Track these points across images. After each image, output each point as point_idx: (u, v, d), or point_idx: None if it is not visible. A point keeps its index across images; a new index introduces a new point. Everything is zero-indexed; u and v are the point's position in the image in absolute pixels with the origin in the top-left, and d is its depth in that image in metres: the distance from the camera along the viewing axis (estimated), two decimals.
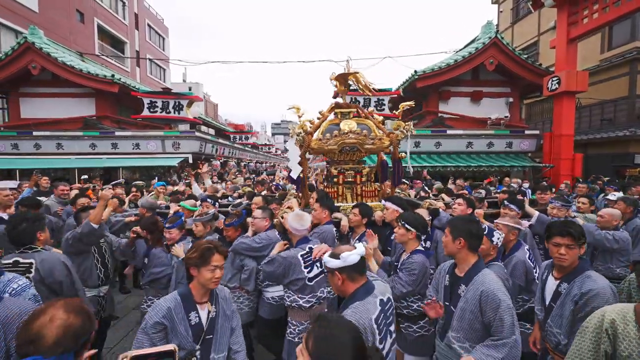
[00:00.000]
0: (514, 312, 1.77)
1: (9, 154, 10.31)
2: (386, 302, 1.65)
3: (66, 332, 1.05)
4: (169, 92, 11.02)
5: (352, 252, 1.60)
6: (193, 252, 1.79)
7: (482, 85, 11.36)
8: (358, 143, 3.73)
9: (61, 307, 1.10)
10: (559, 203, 3.66)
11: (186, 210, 3.72)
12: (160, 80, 26.91)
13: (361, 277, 1.64)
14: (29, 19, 14.96)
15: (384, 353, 1.58)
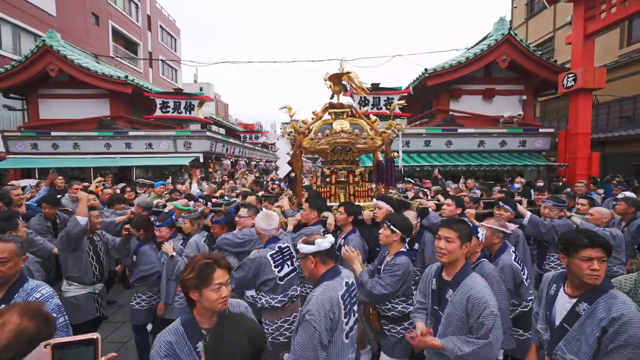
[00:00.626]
0: (498, 320, 1.73)
1: (29, 153, 10.66)
2: (350, 284, 1.88)
3: (17, 337, 1.00)
4: (180, 93, 11.18)
5: (324, 240, 1.85)
6: (189, 272, 1.45)
7: (494, 82, 11.15)
8: (350, 142, 3.74)
9: (16, 311, 1.07)
10: (551, 203, 3.54)
11: (178, 210, 3.78)
12: (172, 80, 27.36)
13: (330, 261, 1.89)
14: (47, 23, 15.43)
15: (348, 329, 1.80)
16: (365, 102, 10.20)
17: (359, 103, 10.19)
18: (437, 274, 2.01)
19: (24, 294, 1.74)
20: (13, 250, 1.77)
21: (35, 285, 1.80)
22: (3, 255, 1.73)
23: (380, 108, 10.29)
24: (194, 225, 3.33)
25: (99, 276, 3.20)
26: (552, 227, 3.32)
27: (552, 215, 3.46)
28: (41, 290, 1.77)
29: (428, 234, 3.25)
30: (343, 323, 1.73)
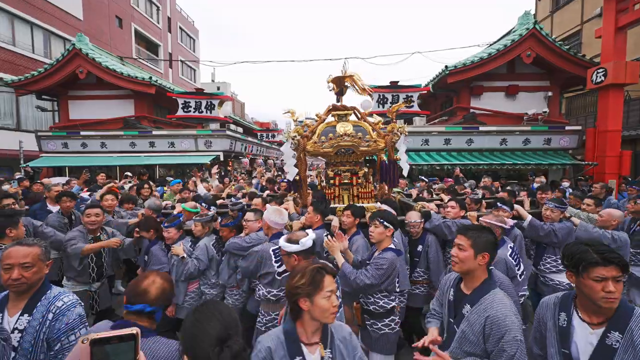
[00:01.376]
0: (522, 347, 1.50)
1: (60, 152, 11.18)
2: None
3: (163, 292, 1.47)
4: (201, 93, 11.44)
5: (307, 238, 1.98)
6: (299, 278, 1.41)
7: (518, 79, 10.83)
8: (353, 145, 3.77)
9: (158, 275, 1.53)
10: (552, 204, 3.48)
11: (186, 212, 3.79)
12: (190, 80, 27.97)
13: (312, 256, 2.00)
14: (75, 27, 16.09)
15: None
16: (384, 100, 10.14)
17: (378, 101, 10.14)
18: (455, 285, 1.83)
19: (47, 302, 1.64)
20: (38, 255, 1.67)
21: (58, 293, 1.69)
22: (27, 261, 1.62)
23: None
24: (205, 228, 3.37)
25: (96, 277, 3.28)
26: (552, 230, 3.29)
27: (553, 217, 3.42)
28: (63, 298, 1.67)
29: (431, 236, 3.33)
30: None
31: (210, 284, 3.28)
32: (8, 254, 1.62)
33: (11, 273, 1.58)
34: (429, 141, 10.24)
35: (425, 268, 3.33)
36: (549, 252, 3.38)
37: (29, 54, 14.21)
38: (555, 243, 3.27)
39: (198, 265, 3.11)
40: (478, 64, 9.98)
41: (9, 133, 13.15)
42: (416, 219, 3.31)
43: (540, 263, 3.43)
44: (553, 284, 3.31)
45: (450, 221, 3.40)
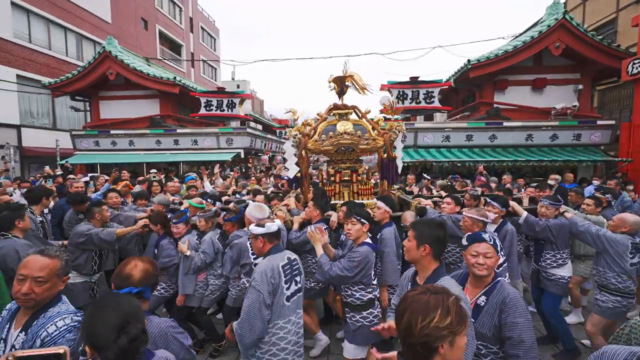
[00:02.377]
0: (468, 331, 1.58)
1: (92, 150, 11.82)
2: (292, 259, 2.18)
3: (146, 274, 1.56)
4: (223, 92, 11.73)
5: (273, 224, 2.15)
6: (443, 316, 1.04)
7: (545, 71, 10.39)
8: (353, 143, 3.85)
9: (139, 259, 1.62)
10: (547, 202, 3.47)
11: (192, 207, 3.94)
12: (211, 79, 28.62)
13: (276, 240, 2.18)
14: (104, 30, 16.85)
15: (289, 294, 2.06)
16: (404, 96, 10.02)
17: (397, 97, 10.03)
18: (412, 278, 1.94)
19: (43, 321, 1.46)
20: (55, 270, 1.52)
21: (57, 313, 1.49)
22: (41, 275, 1.46)
23: (420, 102, 10.05)
24: (209, 223, 3.57)
25: (97, 269, 3.45)
26: (547, 226, 3.35)
27: (549, 215, 3.44)
28: (57, 322, 1.45)
29: None
30: (284, 288, 2.02)
31: (216, 275, 3.47)
32: (26, 263, 1.49)
33: (22, 285, 1.43)
34: (450, 137, 10.05)
35: None
36: (547, 248, 3.42)
37: (63, 57, 15.05)
38: (552, 239, 3.34)
39: (204, 259, 3.31)
40: (503, 57, 9.66)
41: (46, 132, 14.03)
42: (411, 219, 3.38)
43: (540, 259, 3.48)
44: (555, 278, 3.37)
45: (445, 216, 3.50)
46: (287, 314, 2.03)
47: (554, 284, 3.37)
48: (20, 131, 13.18)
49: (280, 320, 2.00)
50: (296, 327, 2.11)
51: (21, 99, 13.27)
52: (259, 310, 1.91)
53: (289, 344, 2.03)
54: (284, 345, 2.01)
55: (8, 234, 2.80)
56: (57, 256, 1.56)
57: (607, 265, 3.01)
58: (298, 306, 2.15)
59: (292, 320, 2.06)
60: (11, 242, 2.73)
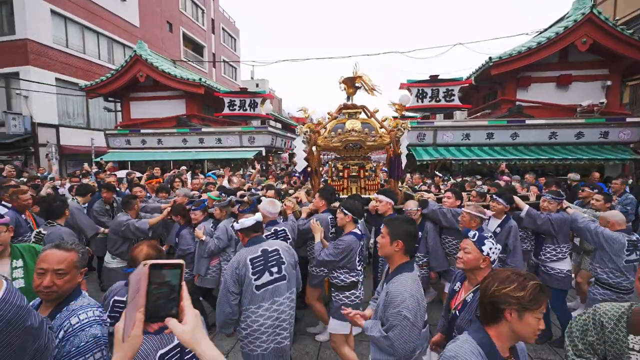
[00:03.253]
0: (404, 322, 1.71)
1: (124, 148, 12.54)
2: (270, 252, 2.34)
3: (147, 256, 1.81)
4: (245, 92, 12.13)
5: (249, 219, 2.37)
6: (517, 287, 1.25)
7: (571, 68, 10.13)
8: (360, 140, 4.07)
9: (144, 244, 1.94)
10: (549, 196, 3.55)
11: (210, 199, 4.29)
12: (232, 78, 29.31)
13: (254, 234, 2.39)
14: (132, 34, 17.68)
15: (259, 284, 2.25)
16: (423, 95, 10.06)
17: (417, 96, 10.08)
18: (386, 272, 2.06)
19: (66, 314, 1.46)
20: (73, 262, 1.55)
21: (80, 307, 1.50)
22: (61, 267, 1.49)
23: (439, 100, 10.05)
24: (223, 212, 3.96)
25: None
26: (548, 220, 3.42)
27: (551, 209, 3.51)
28: (80, 315, 1.46)
29: (429, 223, 3.68)
30: (251, 279, 2.23)
31: (229, 260, 3.77)
32: (44, 257, 1.51)
33: (43, 279, 1.46)
34: (470, 135, 10.01)
35: (425, 252, 3.72)
36: (548, 242, 3.51)
37: (96, 60, 15.95)
38: (553, 233, 3.41)
39: (218, 244, 3.67)
40: (526, 54, 9.51)
41: (82, 131, 14.96)
42: (413, 207, 3.61)
43: (540, 253, 3.57)
44: (554, 272, 3.46)
45: (445, 209, 3.68)
46: (257, 301, 2.22)
47: (553, 279, 3.45)
48: (58, 130, 14.13)
49: (251, 306, 2.22)
50: (273, 313, 2.25)
51: (59, 101, 14.21)
52: (225, 295, 2.22)
53: (262, 326, 2.22)
54: (258, 328, 2.22)
55: (53, 222, 3.23)
56: (74, 249, 1.58)
57: (602, 261, 3.09)
58: (275, 294, 2.27)
59: (263, 306, 2.22)
60: (56, 230, 3.15)
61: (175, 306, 0.77)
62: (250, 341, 2.24)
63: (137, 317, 0.74)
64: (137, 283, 0.76)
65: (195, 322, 0.79)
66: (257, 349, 2.24)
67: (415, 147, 10.18)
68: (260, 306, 2.23)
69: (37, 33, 13.21)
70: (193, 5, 24.15)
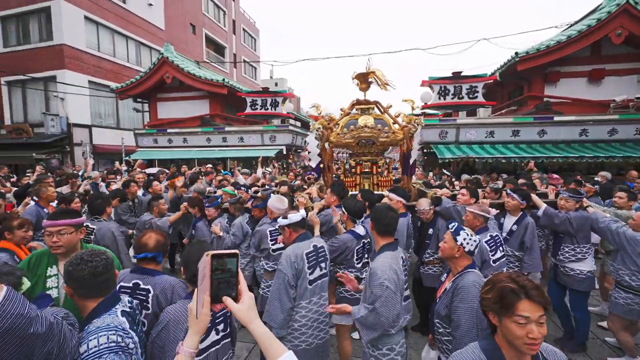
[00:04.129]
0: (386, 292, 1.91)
1: (152, 147, 13.08)
2: (319, 247, 2.41)
3: (157, 242, 1.99)
4: (267, 91, 12.36)
5: (296, 214, 2.40)
6: (488, 290, 1.29)
7: (604, 61, 9.68)
8: (373, 136, 4.01)
9: (153, 232, 2.06)
10: (567, 194, 3.39)
11: (226, 194, 4.40)
12: (252, 78, 29.78)
13: (302, 229, 2.43)
14: (158, 36, 18.33)
15: (312, 278, 2.28)
16: (446, 92, 9.91)
17: (439, 93, 9.95)
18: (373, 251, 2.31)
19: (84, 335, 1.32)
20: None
21: (96, 329, 1.31)
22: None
23: (462, 97, 9.87)
24: (231, 208, 4.07)
25: None
26: (567, 219, 3.29)
27: (568, 207, 3.36)
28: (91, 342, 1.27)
29: (441, 220, 3.59)
30: (307, 273, 2.24)
31: (242, 254, 3.86)
32: None
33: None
34: (495, 133, 9.77)
35: (436, 249, 3.63)
36: (566, 241, 3.38)
37: (125, 63, 16.69)
38: (572, 232, 3.29)
39: (234, 240, 3.76)
40: (555, 48, 9.17)
41: (112, 131, 15.72)
42: (425, 206, 3.56)
43: (559, 253, 3.42)
44: (574, 273, 3.31)
45: (460, 206, 3.60)
46: (309, 296, 2.26)
47: (572, 280, 3.31)
48: (91, 130, 14.93)
49: (302, 301, 2.25)
50: (319, 308, 2.32)
51: (92, 102, 15.00)
52: (285, 290, 2.20)
53: (309, 320, 2.26)
54: (306, 323, 2.24)
55: (99, 217, 3.44)
56: None
57: (623, 262, 2.98)
58: (322, 289, 2.37)
59: (313, 301, 2.29)
60: (105, 225, 3.33)
61: (234, 289, 0.90)
62: (296, 336, 2.25)
63: (205, 299, 0.88)
64: (202, 271, 0.88)
65: (250, 302, 0.92)
66: (302, 344, 2.26)
67: (437, 145, 10.06)
68: (310, 301, 2.27)
69: (72, 38, 13.99)
70: (215, 7, 24.72)
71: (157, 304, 1.86)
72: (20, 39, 14.65)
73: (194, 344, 0.93)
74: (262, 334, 0.90)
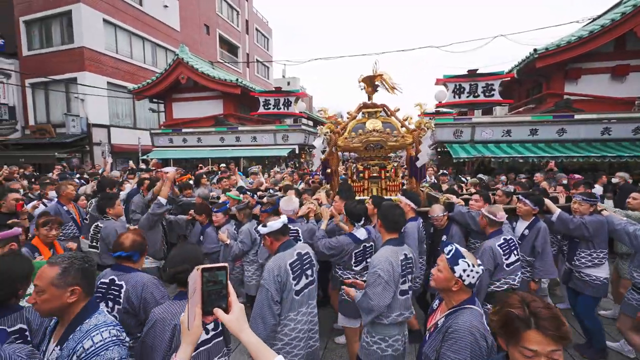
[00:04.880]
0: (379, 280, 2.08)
1: (166, 146, 13.37)
2: (303, 255, 2.29)
3: (133, 242, 2.11)
4: (280, 91, 12.43)
5: (276, 221, 2.22)
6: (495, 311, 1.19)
7: (629, 57, 9.31)
8: (381, 140, 3.94)
9: (130, 231, 2.20)
10: (580, 197, 3.31)
11: (231, 199, 4.20)
12: (264, 77, 29.98)
13: (284, 237, 2.28)
14: (173, 37, 18.66)
15: (298, 288, 2.19)
16: (461, 90, 9.74)
17: (454, 91, 9.78)
18: None
19: (79, 335, 1.33)
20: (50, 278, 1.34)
21: (95, 326, 1.36)
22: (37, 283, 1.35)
23: (478, 96, 9.67)
24: (241, 214, 3.90)
25: (166, 254, 3.87)
26: (582, 223, 3.20)
27: (582, 211, 3.28)
28: (95, 337, 1.32)
29: (455, 227, 3.55)
30: (292, 284, 2.15)
31: (249, 261, 3.82)
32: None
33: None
34: (511, 132, 9.54)
35: None
36: (582, 246, 3.29)
37: (141, 64, 17.08)
38: (587, 236, 3.21)
39: (242, 247, 3.61)
40: (576, 44, 8.87)
41: (129, 131, 16.13)
42: (439, 213, 3.50)
43: (575, 258, 3.34)
44: (590, 279, 3.23)
45: (474, 212, 3.52)
46: (296, 307, 2.16)
47: (587, 286, 3.24)
48: (109, 130, 15.36)
49: (291, 313, 2.14)
50: (308, 317, 2.23)
51: (110, 103, 15.43)
52: (269, 307, 2.06)
53: (300, 332, 2.17)
54: (297, 335, 2.16)
55: (107, 216, 3.50)
56: (57, 263, 1.39)
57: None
58: (310, 297, 2.27)
59: (302, 312, 2.19)
60: (110, 224, 3.41)
61: (224, 300, 0.94)
62: (288, 351, 2.13)
63: (197, 311, 0.92)
64: (193, 284, 0.92)
65: (239, 313, 0.96)
66: (295, 358, 2.18)
67: (451, 144, 9.90)
68: (299, 312, 2.18)
69: (92, 41, 14.41)
70: (228, 8, 24.98)
71: (126, 299, 1.98)
72: (43, 42, 15.20)
73: (186, 355, 0.97)
74: (253, 342, 0.95)
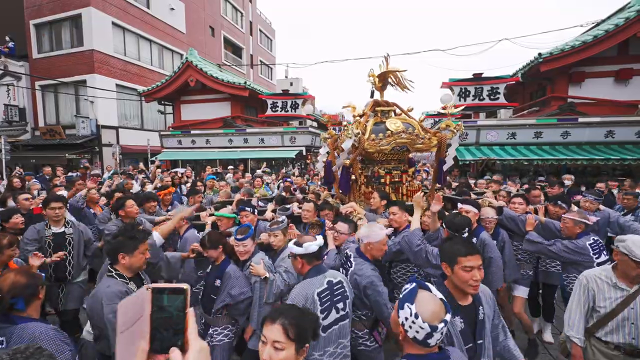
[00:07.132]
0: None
1: (175, 148, 13.58)
2: (335, 283, 1.97)
3: (13, 286, 1.65)
4: (287, 94, 12.64)
5: (312, 243, 1.97)
6: None
7: (632, 61, 9.47)
8: (409, 143, 3.73)
9: (12, 273, 1.73)
10: (592, 197, 3.49)
11: (225, 219, 3.36)
12: (268, 78, 30.16)
13: (317, 261, 2.02)
14: (180, 40, 18.87)
15: (326, 324, 1.85)
16: (466, 94, 9.92)
17: (459, 95, 9.96)
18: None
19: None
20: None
21: None
22: None
23: (483, 99, 9.86)
24: (285, 237, 2.78)
25: None
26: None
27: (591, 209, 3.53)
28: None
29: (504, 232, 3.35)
30: (319, 318, 1.78)
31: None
32: None
33: None
34: (516, 134, 9.72)
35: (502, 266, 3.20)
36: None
37: (149, 66, 17.29)
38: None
39: (289, 280, 2.46)
40: (580, 49, 9.04)
41: (137, 132, 16.35)
42: (493, 215, 3.30)
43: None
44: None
45: (523, 216, 3.43)
46: (322, 346, 1.83)
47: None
48: (118, 132, 15.58)
49: (315, 352, 1.82)
50: (337, 358, 1.89)
51: (118, 104, 15.65)
52: None
53: None
54: None
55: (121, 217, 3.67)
56: None
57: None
58: (340, 336, 1.91)
59: (328, 352, 1.84)
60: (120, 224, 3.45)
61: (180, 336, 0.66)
62: None
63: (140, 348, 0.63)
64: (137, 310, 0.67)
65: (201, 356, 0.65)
66: None
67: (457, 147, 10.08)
68: (324, 352, 1.84)
69: (101, 44, 14.63)
70: (233, 9, 25.17)
71: None
72: (53, 45, 15.43)
73: None
74: None
